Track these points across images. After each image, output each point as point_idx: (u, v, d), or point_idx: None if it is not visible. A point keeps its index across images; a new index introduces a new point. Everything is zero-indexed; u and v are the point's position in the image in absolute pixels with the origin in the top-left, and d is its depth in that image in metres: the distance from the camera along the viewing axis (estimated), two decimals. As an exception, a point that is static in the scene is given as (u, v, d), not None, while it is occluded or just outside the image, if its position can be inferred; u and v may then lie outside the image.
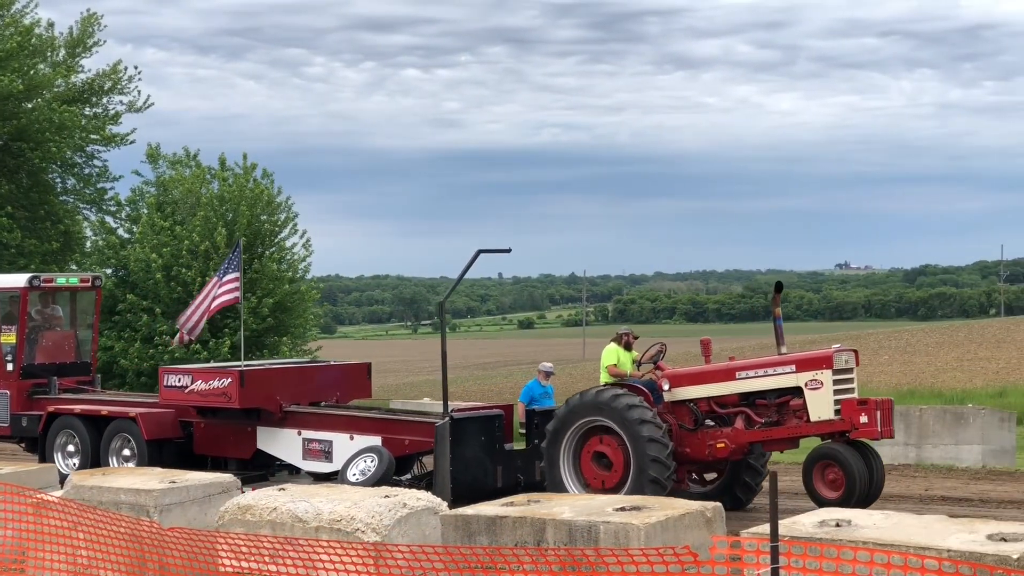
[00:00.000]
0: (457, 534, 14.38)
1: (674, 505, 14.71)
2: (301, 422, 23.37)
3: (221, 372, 23.83)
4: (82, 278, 28.69)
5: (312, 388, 24.42)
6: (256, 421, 23.64)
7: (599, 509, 14.29)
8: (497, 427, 22.14)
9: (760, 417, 20.40)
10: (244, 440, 23.93)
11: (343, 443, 22.61)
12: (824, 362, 19.95)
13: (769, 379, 20.34)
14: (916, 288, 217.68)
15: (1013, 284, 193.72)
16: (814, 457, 19.77)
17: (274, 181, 46.80)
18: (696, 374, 21.17)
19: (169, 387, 24.14)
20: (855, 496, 19.10)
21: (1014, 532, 12.10)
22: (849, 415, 19.59)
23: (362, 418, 23.06)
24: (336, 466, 22.50)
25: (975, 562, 11.11)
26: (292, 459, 23.54)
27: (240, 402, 23.16)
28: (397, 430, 22.40)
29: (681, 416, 20.76)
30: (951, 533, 12.18)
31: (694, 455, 20.59)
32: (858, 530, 12.39)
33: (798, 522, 12.97)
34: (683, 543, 12.08)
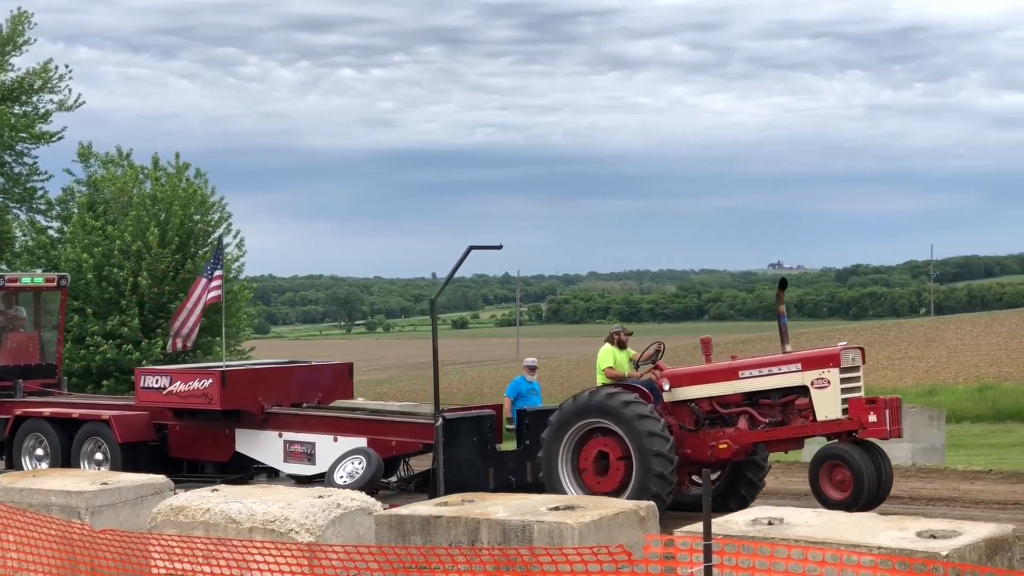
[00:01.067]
0: (391, 534, 14.35)
1: (608, 504, 14.74)
2: (283, 424, 22.93)
3: (202, 373, 23.30)
4: (47, 278, 28.24)
5: (294, 389, 23.91)
6: (235, 423, 23.16)
7: (533, 509, 14.30)
8: (488, 428, 21.65)
9: (764, 417, 19.86)
10: (222, 442, 23.45)
11: (327, 445, 22.20)
12: (831, 360, 19.42)
13: (774, 378, 19.79)
14: (848, 288, 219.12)
15: (943, 284, 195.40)
16: (821, 457, 19.26)
17: (207, 181, 46.60)
18: (697, 373, 20.58)
19: (146, 389, 23.63)
20: (863, 497, 18.71)
21: (943, 529, 12.21)
22: (857, 414, 19.10)
23: (347, 419, 22.62)
24: (319, 468, 22.11)
25: (905, 559, 11.20)
26: (273, 462, 23.11)
27: (222, 403, 22.69)
28: (384, 431, 22.00)
29: (681, 416, 20.17)
30: (882, 531, 12.28)
31: (695, 456, 19.97)
32: (790, 528, 12.46)
33: (731, 520, 13.03)
34: (617, 542, 12.10)
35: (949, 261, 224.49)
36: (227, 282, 46.52)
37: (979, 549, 11.76)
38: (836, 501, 18.68)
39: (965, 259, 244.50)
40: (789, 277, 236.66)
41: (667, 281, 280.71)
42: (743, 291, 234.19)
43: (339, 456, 21.48)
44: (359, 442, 21.74)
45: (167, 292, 43.88)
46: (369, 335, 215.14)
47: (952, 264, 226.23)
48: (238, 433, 23.24)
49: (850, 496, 18.73)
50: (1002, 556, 12.11)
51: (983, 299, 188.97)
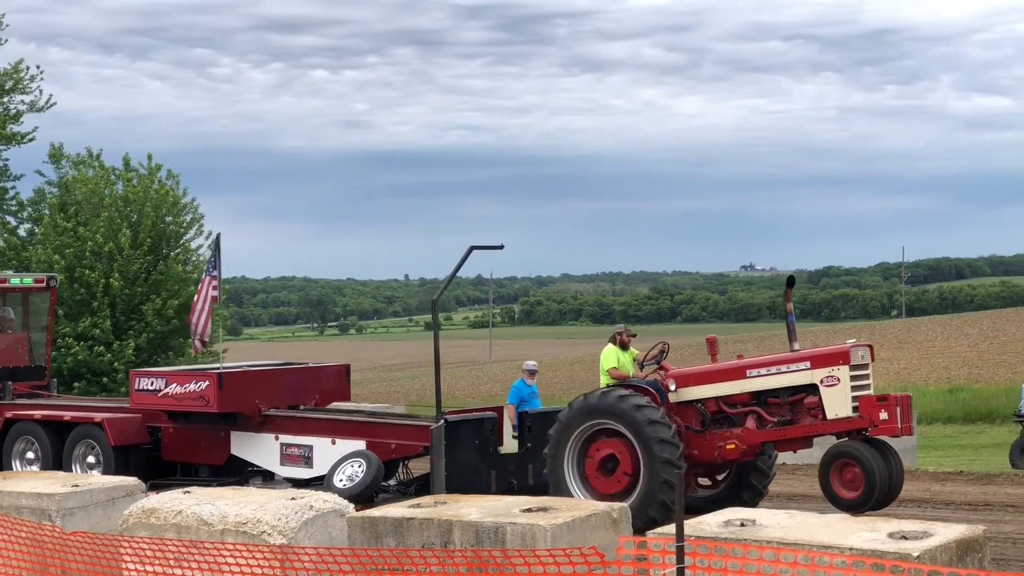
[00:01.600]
0: (364, 536, 14.33)
1: (580, 506, 14.76)
2: (279, 426, 22.62)
3: (198, 375, 22.94)
4: (36, 278, 27.88)
5: (290, 391, 23.64)
6: (231, 426, 22.86)
7: (506, 510, 14.30)
8: (490, 430, 21.32)
9: (772, 416, 19.55)
10: (217, 445, 23.15)
11: (324, 448, 21.92)
12: (840, 358, 19.13)
13: (782, 376, 19.47)
14: (820, 289, 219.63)
15: (914, 286, 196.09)
16: (831, 456, 18.87)
17: (180, 182, 46.53)
18: (704, 373, 20.23)
19: (140, 391, 23.25)
20: (875, 496, 18.46)
21: (914, 530, 12.26)
22: (868, 412, 18.77)
23: (345, 422, 22.31)
24: (316, 471, 21.85)
25: (877, 560, 11.24)
26: (269, 465, 22.83)
27: (219, 406, 22.37)
28: (383, 434, 21.64)
29: (687, 417, 19.85)
30: (853, 532, 12.32)
31: (702, 457, 19.72)
32: (763, 529, 12.49)
33: (703, 522, 13.05)
34: (590, 543, 12.11)
35: (920, 263, 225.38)
36: (198, 283, 46.62)
37: (950, 550, 11.81)
38: (847, 500, 18.52)
39: (936, 261, 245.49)
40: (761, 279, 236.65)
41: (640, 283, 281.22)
42: (715, 293, 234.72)
43: (339, 459, 21.19)
44: (358, 445, 21.44)
45: (139, 294, 43.81)
46: (342, 337, 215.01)
47: (923, 266, 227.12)
48: (233, 436, 22.97)
49: (862, 495, 18.47)
50: (973, 557, 12.17)
51: (954, 301, 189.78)
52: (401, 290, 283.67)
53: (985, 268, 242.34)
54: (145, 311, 43.66)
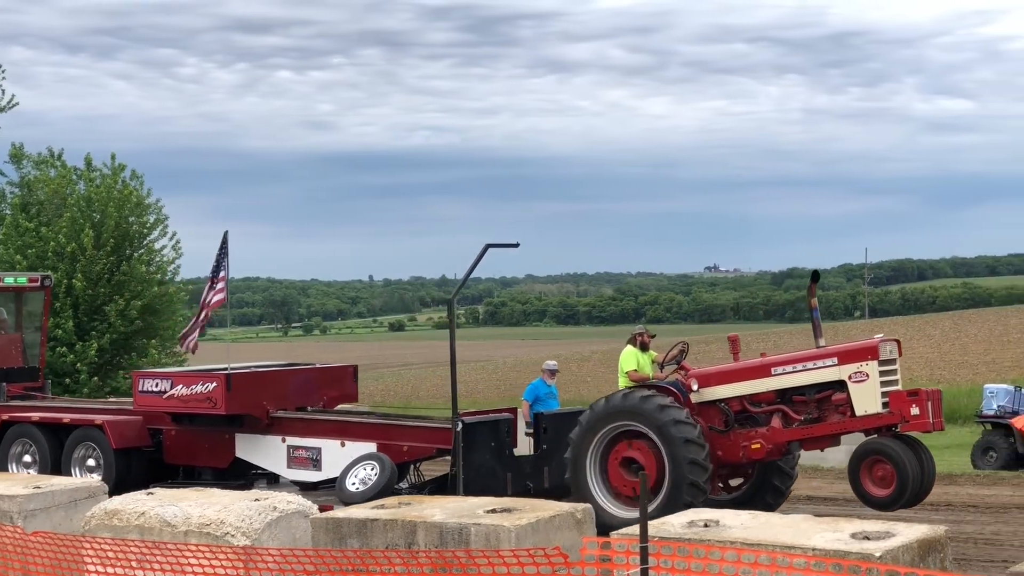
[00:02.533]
0: (328, 537, 14.31)
1: (544, 507, 14.76)
2: (287, 428, 22.18)
3: (205, 376, 22.38)
4: (31, 277, 27.42)
5: (298, 392, 23.18)
6: (237, 428, 22.44)
7: (470, 511, 14.30)
8: (506, 432, 20.96)
9: (799, 414, 19.22)
10: (221, 448, 22.68)
11: (333, 450, 21.47)
12: (869, 353, 18.80)
13: (809, 373, 19.14)
14: (783, 291, 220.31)
15: (877, 287, 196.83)
16: (861, 453, 18.58)
17: (144, 182, 46.39)
18: (727, 372, 19.90)
19: (145, 392, 22.69)
20: (907, 493, 18.23)
21: (877, 530, 12.31)
22: (899, 407, 18.46)
23: (355, 423, 21.86)
24: (325, 474, 21.46)
25: (839, 560, 11.28)
26: (276, 468, 22.37)
27: (227, 408, 21.86)
28: (395, 436, 21.19)
29: (710, 418, 19.51)
30: (816, 532, 12.36)
31: (726, 458, 19.40)
32: (726, 530, 12.52)
33: (667, 522, 13.08)
34: (554, 544, 12.12)
35: (883, 264, 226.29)
36: (162, 284, 46.48)
37: (912, 550, 11.86)
38: (879, 498, 18.34)
39: (899, 262, 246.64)
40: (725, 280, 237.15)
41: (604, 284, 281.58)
42: (679, 294, 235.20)
43: (351, 462, 20.71)
44: (368, 447, 21.00)
45: (102, 294, 43.66)
46: (306, 338, 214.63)
47: (886, 267, 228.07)
48: (238, 438, 22.54)
49: (894, 492, 18.24)
50: (935, 557, 12.22)
51: (916, 302, 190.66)
52: (365, 291, 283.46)
53: (947, 269, 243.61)
54: (108, 312, 43.51)
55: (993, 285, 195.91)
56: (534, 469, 21.12)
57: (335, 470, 21.10)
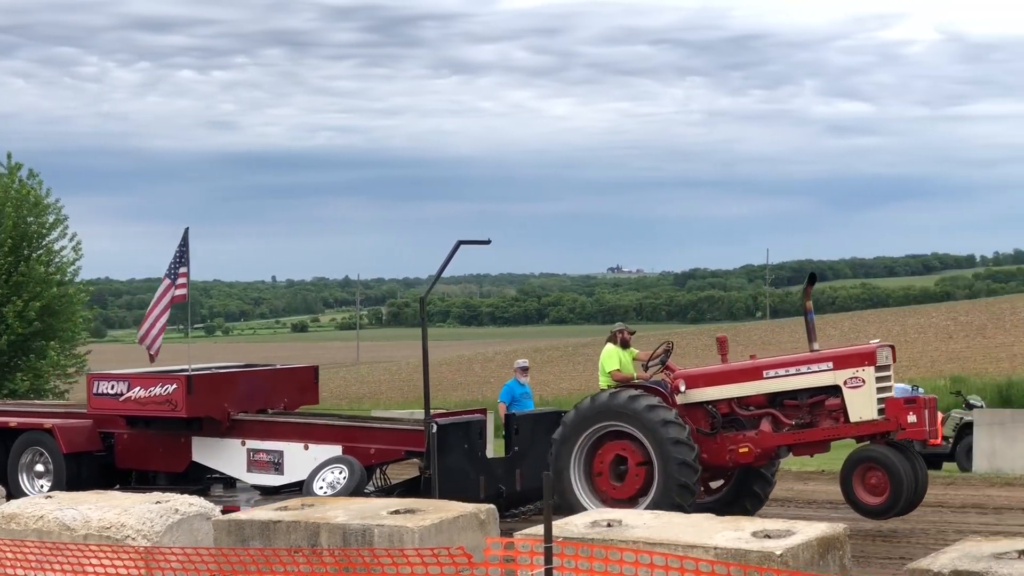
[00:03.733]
0: (230, 539, 14.23)
1: (448, 507, 14.77)
2: (247, 431, 21.62)
3: (165, 378, 21.76)
4: None
5: (260, 394, 22.59)
6: (194, 431, 21.85)
7: (374, 512, 14.28)
8: (479, 434, 20.52)
9: (789, 419, 18.81)
10: (177, 452, 22.07)
11: (296, 453, 20.99)
12: (866, 358, 18.45)
13: (802, 377, 18.76)
14: (686, 291, 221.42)
15: (778, 288, 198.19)
16: (854, 460, 18.35)
17: (42, 182, 45.90)
18: (716, 374, 19.50)
19: (100, 395, 21.98)
20: (901, 501, 18.04)
21: (778, 529, 12.44)
22: (895, 414, 18.16)
23: (320, 426, 21.37)
24: (288, 478, 21.01)
25: (740, 559, 11.39)
26: (235, 472, 21.80)
27: (187, 410, 21.26)
28: (361, 438, 20.74)
29: (697, 419, 19.02)
30: (718, 531, 12.47)
31: (712, 461, 18.91)
32: (629, 530, 12.60)
33: (570, 523, 13.14)
34: (457, 545, 12.14)
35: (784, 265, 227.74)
36: (61, 285, 45.99)
37: (812, 548, 12.00)
38: (871, 506, 18.17)
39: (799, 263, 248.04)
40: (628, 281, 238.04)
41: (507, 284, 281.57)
42: (582, 295, 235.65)
43: (318, 465, 20.31)
44: (333, 450, 20.58)
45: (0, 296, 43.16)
46: (208, 339, 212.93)
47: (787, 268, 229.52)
48: (195, 441, 21.95)
49: (887, 500, 18.06)
50: (834, 555, 12.37)
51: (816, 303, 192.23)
52: (268, 292, 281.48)
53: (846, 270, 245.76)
54: (6, 313, 43.01)
55: (891, 286, 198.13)
56: (506, 472, 20.68)
57: (298, 474, 20.75)
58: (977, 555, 10.86)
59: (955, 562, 10.69)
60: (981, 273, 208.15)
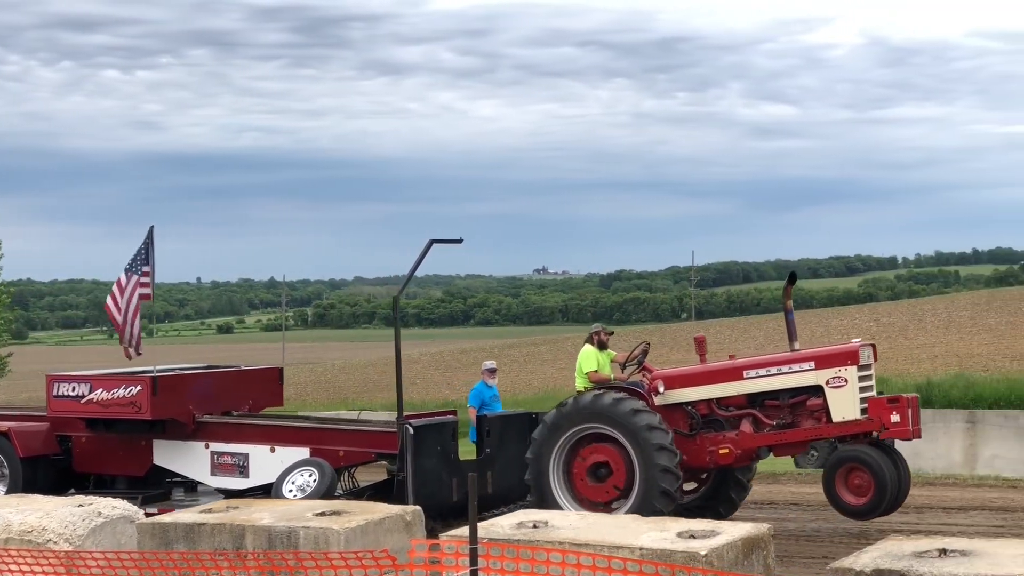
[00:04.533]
0: (154, 542, 14.13)
1: (374, 509, 14.74)
2: (212, 433, 21.22)
3: (128, 379, 21.27)
4: None
5: (224, 396, 22.23)
6: (155, 433, 21.37)
7: (299, 515, 14.23)
8: (452, 436, 20.11)
9: (770, 419, 18.65)
10: (138, 455, 21.60)
11: (262, 456, 20.64)
12: (848, 358, 18.26)
13: (784, 377, 18.56)
14: (612, 293, 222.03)
15: (703, 289, 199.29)
16: (837, 461, 18.14)
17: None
18: (695, 374, 19.23)
19: (60, 397, 21.45)
20: (885, 501, 17.81)
21: (702, 529, 12.50)
22: (878, 414, 17.95)
23: (287, 427, 21.07)
24: (253, 481, 20.62)
25: (665, 559, 11.44)
26: (198, 475, 21.39)
27: (152, 412, 20.81)
28: (330, 440, 20.43)
29: (676, 421, 18.74)
30: (643, 532, 12.51)
31: (692, 463, 18.69)
32: (554, 531, 12.62)
33: (496, 524, 13.14)
34: (383, 547, 12.12)
35: (709, 267, 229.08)
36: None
37: (736, 548, 12.07)
38: (855, 507, 17.95)
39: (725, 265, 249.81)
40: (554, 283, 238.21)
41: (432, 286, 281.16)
42: (508, 296, 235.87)
43: (287, 468, 19.91)
44: (300, 452, 20.25)
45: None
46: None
47: (712, 270, 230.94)
48: (156, 444, 21.51)
49: (871, 501, 17.82)
50: (758, 554, 12.44)
51: (741, 304, 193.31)
52: (193, 293, 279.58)
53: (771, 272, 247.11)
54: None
55: (815, 287, 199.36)
56: (478, 474, 20.41)
57: (264, 476, 20.47)
58: (898, 554, 10.95)
59: (877, 561, 10.78)
60: (903, 275, 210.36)
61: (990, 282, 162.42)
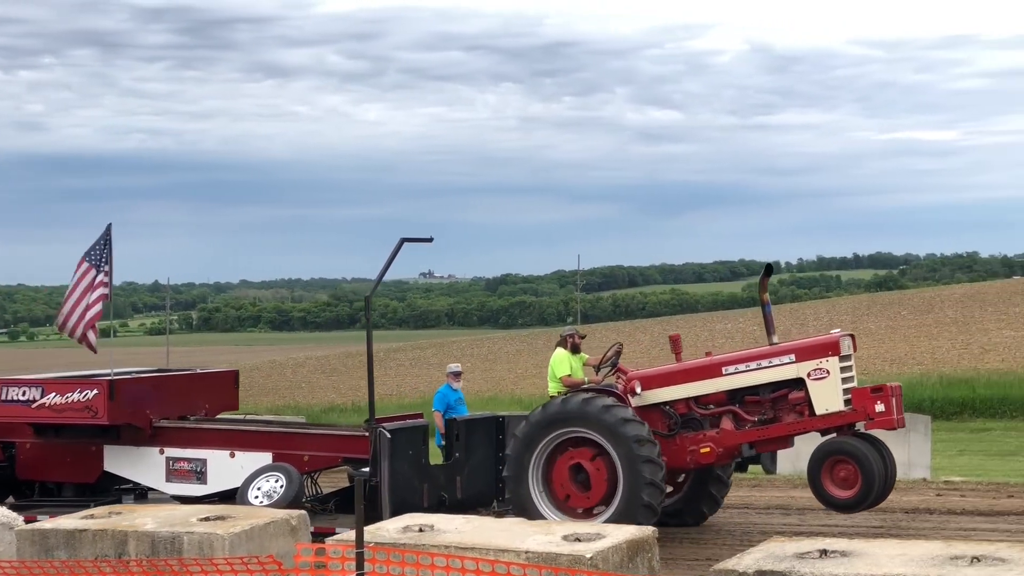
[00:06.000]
0: (34, 549, 13.96)
1: (259, 514, 14.68)
2: (170, 439, 20.70)
3: (84, 383, 20.73)
4: None
5: (181, 400, 21.66)
6: (108, 439, 20.80)
7: (183, 520, 14.13)
8: (422, 440, 19.70)
9: (751, 415, 18.36)
10: (87, 461, 21.03)
11: (221, 461, 20.21)
12: (830, 348, 17.99)
13: (764, 372, 18.28)
14: (498, 297, 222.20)
15: (589, 293, 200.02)
16: (823, 453, 17.78)
17: None
18: (672, 373, 18.86)
19: (8, 402, 20.79)
20: (873, 493, 17.56)
21: (588, 532, 12.58)
22: (862, 404, 17.71)
23: (248, 432, 20.61)
24: (211, 488, 20.21)
25: (551, 563, 11.50)
26: (152, 482, 20.80)
27: (109, 417, 20.29)
28: (293, 444, 20.00)
29: (654, 421, 18.36)
30: (529, 535, 12.57)
31: (672, 463, 18.33)
32: (440, 535, 12.64)
33: (382, 528, 13.14)
34: (268, 552, 12.07)
35: (595, 271, 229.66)
36: None
37: (621, 551, 12.16)
38: (842, 500, 17.69)
39: (610, 269, 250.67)
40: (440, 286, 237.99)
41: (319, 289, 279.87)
42: (395, 299, 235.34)
43: (252, 474, 19.44)
44: (263, 457, 19.82)
45: None
46: (11, 344, 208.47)
47: (598, 274, 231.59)
48: (107, 450, 20.94)
49: (858, 493, 17.54)
50: (643, 557, 12.55)
51: (627, 308, 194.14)
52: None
53: (656, 276, 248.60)
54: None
55: (700, 291, 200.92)
56: (447, 479, 19.99)
57: (224, 483, 20.14)
58: (780, 555, 11.09)
59: (759, 562, 10.91)
60: (786, 279, 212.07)
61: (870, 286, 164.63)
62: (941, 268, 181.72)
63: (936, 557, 10.82)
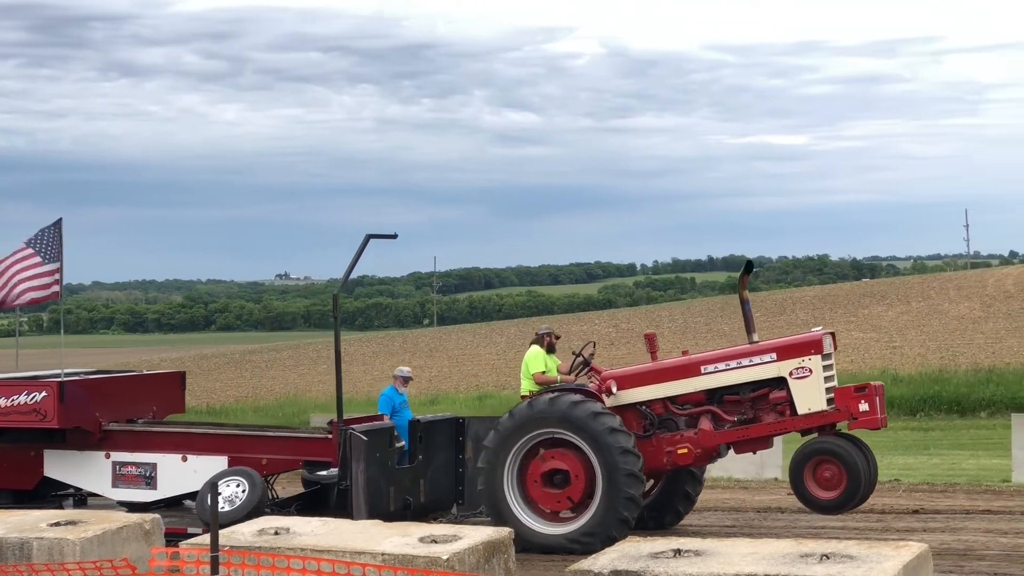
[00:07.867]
0: None
1: (111, 518, 14.50)
2: (119, 442, 19.95)
3: (32, 385, 19.84)
4: None
5: (129, 402, 20.81)
6: (51, 443, 20.06)
7: (32, 525, 13.93)
8: (389, 442, 19.18)
9: (730, 415, 18.08)
10: (25, 467, 20.20)
11: (173, 466, 19.55)
12: (812, 347, 17.71)
13: (744, 371, 17.98)
14: (354, 298, 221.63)
15: (445, 295, 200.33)
16: (806, 454, 17.51)
17: None
18: (649, 373, 18.54)
19: None
20: (858, 494, 17.37)
21: (444, 534, 12.63)
22: (845, 404, 17.46)
23: (201, 435, 19.99)
24: (161, 493, 19.55)
25: (407, 564, 11.52)
26: (97, 487, 20.13)
27: (59, 421, 19.46)
28: (250, 447, 19.42)
29: (629, 422, 18.07)
30: (385, 537, 12.58)
31: (649, 464, 17.99)
32: (296, 537, 12.61)
33: (237, 531, 13.06)
34: (122, 556, 11.95)
35: (452, 273, 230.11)
36: None
37: (478, 552, 12.22)
38: (825, 501, 17.47)
39: (467, 271, 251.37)
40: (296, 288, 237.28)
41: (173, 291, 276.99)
42: (250, 301, 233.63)
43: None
44: (216, 461, 19.27)
45: None
46: None
47: (454, 276, 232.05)
48: (47, 455, 20.17)
49: (843, 494, 17.32)
50: (499, 558, 12.62)
51: (483, 310, 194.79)
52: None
53: (512, 278, 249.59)
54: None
55: (556, 293, 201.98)
56: (411, 482, 19.59)
57: (174, 488, 19.64)
58: (635, 555, 11.21)
59: (614, 562, 11.02)
60: (641, 281, 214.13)
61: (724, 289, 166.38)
62: (793, 270, 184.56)
63: (787, 555, 11.00)
